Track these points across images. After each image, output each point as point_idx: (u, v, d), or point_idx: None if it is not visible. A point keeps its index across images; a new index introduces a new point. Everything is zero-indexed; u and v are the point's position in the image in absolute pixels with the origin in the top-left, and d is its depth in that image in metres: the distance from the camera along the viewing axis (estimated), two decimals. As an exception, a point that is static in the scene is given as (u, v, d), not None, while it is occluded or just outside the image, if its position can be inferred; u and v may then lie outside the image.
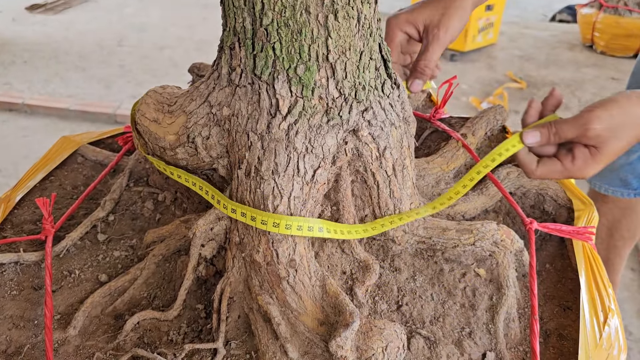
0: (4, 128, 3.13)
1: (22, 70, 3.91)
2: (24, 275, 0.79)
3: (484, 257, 0.79)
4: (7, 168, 2.74)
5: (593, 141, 0.75)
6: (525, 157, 0.79)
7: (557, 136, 0.77)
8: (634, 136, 0.76)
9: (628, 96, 0.76)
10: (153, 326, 0.72)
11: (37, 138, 3.03)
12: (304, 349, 0.64)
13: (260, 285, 0.67)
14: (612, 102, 0.75)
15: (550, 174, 0.79)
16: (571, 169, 0.77)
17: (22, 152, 2.88)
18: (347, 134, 0.69)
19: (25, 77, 3.79)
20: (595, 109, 0.75)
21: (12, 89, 3.57)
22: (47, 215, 0.84)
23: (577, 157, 0.77)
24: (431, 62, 0.89)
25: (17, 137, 3.04)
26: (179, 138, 0.72)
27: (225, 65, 0.68)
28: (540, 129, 0.78)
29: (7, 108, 3.32)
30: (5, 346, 0.70)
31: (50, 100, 3.34)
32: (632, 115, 0.75)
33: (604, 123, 0.74)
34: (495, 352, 0.73)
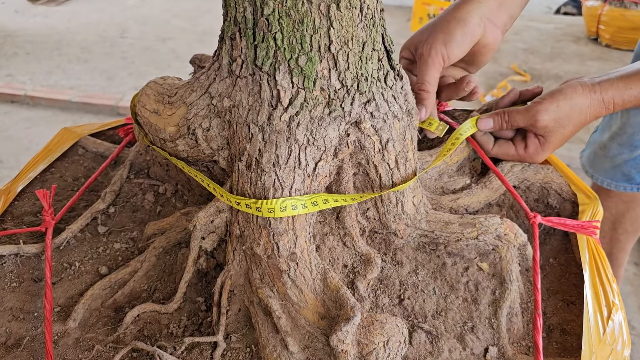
0: (6, 120, 3.13)
1: (25, 61, 3.90)
2: (24, 267, 0.79)
3: (487, 251, 0.79)
4: (9, 160, 2.74)
5: (541, 131, 0.84)
6: (482, 137, 0.88)
7: (509, 124, 0.85)
8: (578, 124, 0.84)
9: (574, 87, 0.83)
10: (153, 319, 0.71)
11: (39, 130, 3.02)
12: (305, 342, 0.63)
13: (261, 279, 0.67)
14: (559, 93, 0.82)
15: (504, 156, 0.89)
16: (523, 155, 0.87)
17: (24, 144, 2.88)
18: (349, 126, 0.68)
19: (28, 68, 3.78)
20: (544, 101, 0.82)
21: (14, 81, 3.57)
22: (47, 207, 0.83)
23: (529, 145, 0.86)
24: (424, 85, 0.84)
25: (19, 129, 3.03)
26: (180, 129, 0.71)
27: (225, 56, 0.67)
28: (493, 117, 0.86)
29: (10, 100, 3.32)
30: (5, 338, 0.70)
31: (52, 92, 3.33)
32: (577, 105, 0.82)
33: (551, 114, 0.82)
34: (497, 346, 0.72)
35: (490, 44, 0.87)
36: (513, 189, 0.87)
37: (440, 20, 0.85)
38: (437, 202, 0.85)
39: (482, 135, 0.89)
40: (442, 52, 0.83)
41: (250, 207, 0.65)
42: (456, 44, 0.83)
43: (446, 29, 0.83)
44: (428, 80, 0.84)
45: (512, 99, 0.91)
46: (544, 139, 0.85)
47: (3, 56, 3.95)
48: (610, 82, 0.83)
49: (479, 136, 0.89)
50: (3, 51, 4.04)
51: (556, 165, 0.95)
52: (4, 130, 3.01)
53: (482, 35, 0.85)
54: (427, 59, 0.84)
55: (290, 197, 0.65)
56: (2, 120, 3.11)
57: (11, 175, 2.61)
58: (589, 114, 0.84)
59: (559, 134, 0.84)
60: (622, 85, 0.82)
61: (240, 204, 0.66)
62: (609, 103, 0.83)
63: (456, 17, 0.84)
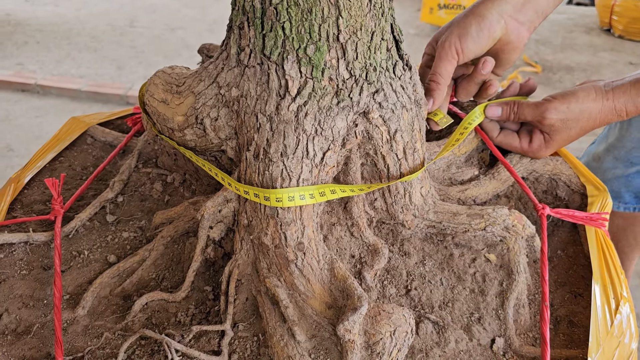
0: (16, 108, 3.15)
1: (35, 50, 3.92)
2: (34, 255, 0.80)
3: (494, 242, 0.78)
4: (19, 148, 2.76)
5: (547, 129, 0.85)
6: (488, 123, 0.89)
7: (517, 116, 0.86)
8: (585, 128, 0.84)
9: (587, 90, 0.83)
10: (161, 307, 0.72)
11: (48, 119, 3.04)
12: (312, 332, 0.63)
13: (268, 268, 0.67)
14: (572, 95, 0.83)
15: (507, 146, 0.89)
16: (526, 149, 0.88)
17: (34, 133, 2.89)
18: (357, 116, 0.68)
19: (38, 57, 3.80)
20: (555, 100, 0.83)
21: (24, 70, 3.58)
22: (56, 196, 0.84)
23: (534, 140, 0.87)
24: (435, 77, 0.84)
25: (30, 118, 3.05)
26: (188, 119, 0.71)
27: (234, 45, 0.67)
28: (502, 106, 0.87)
29: (20, 89, 3.33)
30: (15, 325, 0.71)
31: (62, 81, 3.35)
32: (587, 110, 0.82)
33: (559, 114, 0.83)
34: (504, 338, 0.72)
35: (514, 41, 0.85)
36: (521, 180, 0.87)
37: (460, 16, 0.85)
38: (445, 193, 0.85)
39: (489, 122, 0.89)
40: (457, 46, 0.82)
41: (258, 196, 0.65)
42: (471, 38, 0.82)
43: (462, 23, 0.83)
44: (439, 72, 0.84)
45: (512, 93, 0.91)
46: (548, 137, 0.86)
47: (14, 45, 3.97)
48: (623, 88, 0.83)
49: (486, 123, 0.89)
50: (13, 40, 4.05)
51: (565, 157, 0.94)
52: (14, 118, 3.03)
53: (504, 33, 0.84)
54: (440, 51, 0.83)
55: (298, 187, 0.65)
56: (13, 109, 3.13)
57: (22, 163, 2.63)
58: (598, 120, 0.84)
59: (564, 134, 0.85)
60: (634, 91, 0.82)
61: (249, 193, 0.66)
62: (620, 110, 0.83)
63: (474, 12, 0.83)
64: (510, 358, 0.72)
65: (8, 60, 3.70)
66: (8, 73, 3.42)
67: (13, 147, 2.77)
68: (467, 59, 0.85)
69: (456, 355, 0.70)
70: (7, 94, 3.29)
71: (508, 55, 0.88)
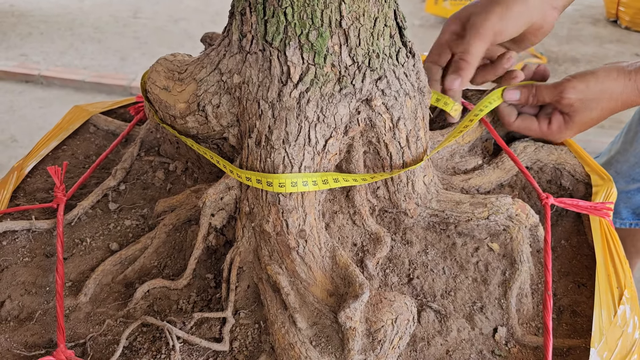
0: (20, 99, 3.15)
1: (39, 41, 3.92)
2: (36, 243, 0.80)
3: (497, 231, 0.78)
4: (23, 139, 2.76)
5: (566, 109, 0.82)
6: (505, 108, 0.86)
7: (535, 98, 0.83)
8: (607, 109, 0.81)
9: (608, 70, 0.80)
10: (163, 295, 0.72)
11: (52, 110, 3.04)
12: (313, 319, 0.63)
13: (270, 256, 0.67)
14: (592, 74, 0.80)
15: (526, 130, 0.87)
16: (545, 132, 0.85)
17: (38, 123, 2.90)
18: (359, 103, 0.68)
19: (42, 48, 3.80)
20: (574, 79, 0.81)
21: (28, 60, 3.58)
22: (58, 184, 0.84)
23: (553, 122, 0.84)
24: (467, 55, 0.80)
25: (33, 109, 3.05)
26: (190, 106, 0.71)
27: (235, 32, 0.66)
28: (521, 89, 0.84)
29: (24, 79, 3.34)
30: (17, 311, 0.71)
31: (65, 72, 3.35)
32: (608, 90, 0.79)
33: (578, 94, 0.80)
34: (506, 327, 0.72)
35: (545, 26, 0.83)
36: (525, 169, 0.86)
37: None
38: (448, 182, 0.85)
39: (506, 107, 0.86)
40: (496, 26, 0.79)
41: (261, 182, 0.65)
42: (513, 20, 0.79)
43: (504, 4, 0.79)
44: (473, 51, 0.80)
45: (527, 76, 0.88)
46: (568, 118, 0.83)
47: (17, 36, 3.97)
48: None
49: (503, 107, 0.86)
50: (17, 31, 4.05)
51: (570, 146, 0.93)
52: (18, 109, 3.03)
53: (539, 17, 0.82)
54: (479, 29, 0.79)
55: (300, 173, 0.65)
56: (17, 100, 3.14)
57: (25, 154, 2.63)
58: (621, 101, 0.81)
59: (584, 115, 0.82)
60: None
61: (251, 179, 0.66)
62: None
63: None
64: (512, 347, 0.71)
65: (12, 51, 3.71)
66: (12, 64, 3.42)
67: (17, 138, 2.78)
68: (502, 40, 0.82)
69: (458, 344, 0.70)
70: (11, 85, 3.29)
71: (534, 39, 0.86)
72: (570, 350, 0.70)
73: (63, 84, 3.26)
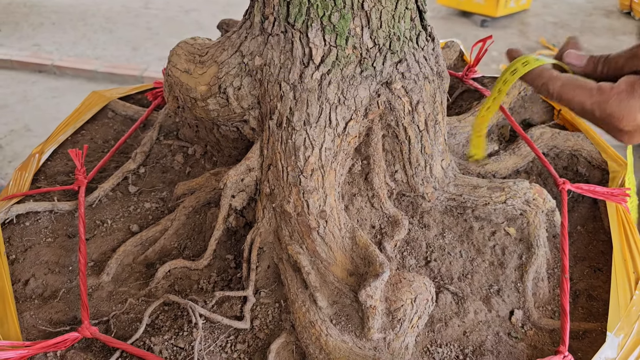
0: (33, 89, 3.17)
1: (51, 31, 3.93)
2: (59, 224, 0.81)
3: (514, 216, 0.78)
4: (37, 128, 2.78)
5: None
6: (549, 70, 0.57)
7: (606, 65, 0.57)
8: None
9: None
10: (184, 275, 0.73)
11: (66, 99, 3.06)
12: (333, 298, 0.64)
13: (290, 236, 0.67)
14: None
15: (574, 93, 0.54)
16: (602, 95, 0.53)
17: (52, 113, 2.91)
18: (380, 86, 0.68)
19: (54, 38, 3.81)
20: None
21: (41, 50, 3.60)
22: (79, 167, 0.85)
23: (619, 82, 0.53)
24: None
25: (47, 98, 3.07)
26: (210, 89, 0.72)
27: (257, 14, 0.67)
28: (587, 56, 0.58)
29: (37, 69, 3.35)
30: (41, 290, 0.72)
31: (78, 61, 3.36)
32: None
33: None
34: (523, 310, 0.73)
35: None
36: (542, 155, 0.86)
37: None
38: (464, 167, 0.85)
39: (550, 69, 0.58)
40: None
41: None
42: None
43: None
44: None
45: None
46: None
47: (30, 26, 3.98)
48: None
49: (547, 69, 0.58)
50: (30, 21, 4.07)
51: (587, 133, 0.93)
52: (32, 99, 3.05)
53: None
54: None
55: None
56: (30, 90, 3.15)
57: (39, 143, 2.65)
58: None
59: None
60: None
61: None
62: None
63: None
64: (528, 330, 0.72)
65: (25, 42, 3.72)
66: (25, 54, 3.44)
67: (31, 127, 2.79)
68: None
69: (475, 326, 0.70)
70: (24, 75, 3.31)
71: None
72: (587, 333, 0.71)
73: (76, 74, 3.27)
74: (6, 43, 3.73)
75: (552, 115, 1.00)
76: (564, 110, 0.99)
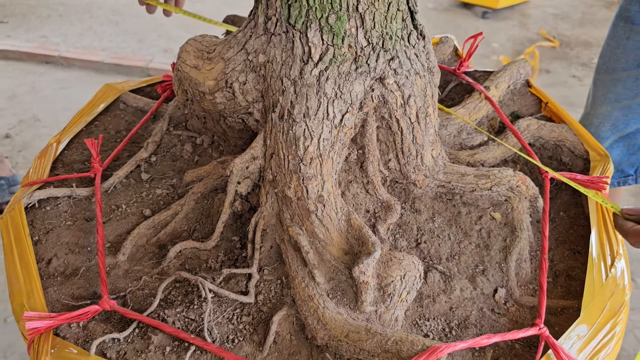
0: (41, 80, 3.23)
1: (58, 23, 3.99)
2: (77, 208, 0.87)
3: (499, 201, 0.84)
4: (47, 119, 2.84)
5: None
6: None
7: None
8: None
9: None
10: (193, 255, 0.79)
11: (74, 90, 3.12)
12: (330, 275, 0.70)
13: (291, 219, 0.74)
14: None
15: None
16: None
17: (60, 104, 2.98)
18: (373, 81, 0.74)
19: (61, 30, 3.87)
20: None
21: (48, 42, 3.66)
22: (95, 155, 0.91)
23: None
24: None
25: (55, 89, 3.13)
26: (218, 83, 0.78)
27: (261, 15, 0.73)
28: None
29: (44, 61, 3.41)
30: (63, 268, 0.79)
31: (85, 53, 3.42)
32: None
33: None
34: (506, 288, 0.79)
35: None
36: (528, 146, 0.92)
37: None
38: (455, 156, 0.91)
39: None
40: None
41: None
42: None
43: None
44: None
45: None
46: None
47: (37, 18, 4.04)
48: None
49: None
50: (37, 13, 4.13)
51: (571, 124, 0.99)
52: (40, 90, 3.11)
53: None
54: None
55: None
56: (38, 81, 3.21)
57: (50, 133, 2.71)
58: None
59: None
60: None
61: None
62: None
63: None
64: (510, 306, 0.78)
65: (32, 33, 3.78)
66: (32, 45, 3.50)
67: (40, 118, 2.86)
68: None
69: (461, 302, 0.77)
70: (32, 66, 3.37)
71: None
72: (564, 309, 0.77)
73: (83, 65, 3.33)
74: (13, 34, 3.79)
75: (539, 107, 1.06)
76: (551, 103, 1.05)
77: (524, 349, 0.71)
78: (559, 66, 3.28)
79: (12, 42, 3.57)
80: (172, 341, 0.67)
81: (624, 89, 1.22)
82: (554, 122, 1.01)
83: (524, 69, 1.05)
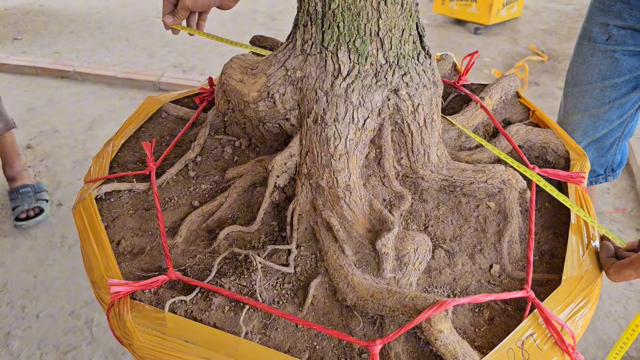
0: (57, 93, 3.39)
1: (70, 39, 4.16)
2: (136, 200, 1.03)
3: (494, 192, 1.01)
4: (65, 130, 3.00)
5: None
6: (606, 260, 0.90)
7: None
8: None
9: None
10: (239, 237, 0.95)
11: (88, 103, 3.28)
12: (356, 249, 0.86)
13: (324, 204, 0.90)
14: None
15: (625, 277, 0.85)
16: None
17: (77, 116, 3.14)
18: (390, 92, 0.91)
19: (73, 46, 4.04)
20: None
21: (61, 58, 3.83)
22: (149, 155, 1.07)
23: None
24: None
25: (70, 102, 3.29)
26: (261, 94, 0.94)
27: (299, 39, 0.89)
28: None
29: (59, 75, 3.58)
30: (130, 248, 0.94)
31: (98, 68, 3.59)
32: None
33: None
34: (499, 264, 0.95)
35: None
36: (518, 147, 1.09)
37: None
38: (455, 156, 1.07)
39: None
40: None
41: None
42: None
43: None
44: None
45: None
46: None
47: (50, 34, 4.22)
48: None
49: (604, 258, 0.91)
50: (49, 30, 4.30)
51: (555, 129, 1.16)
52: (57, 103, 3.27)
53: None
54: None
55: None
56: (55, 94, 3.38)
57: (67, 143, 2.87)
58: None
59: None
60: None
61: None
62: None
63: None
64: (504, 279, 0.94)
65: (46, 49, 3.95)
66: (48, 61, 3.67)
67: (58, 129, 3.01)
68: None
69: (462, 274, 0.92)
70: (48, 81, 3.53)
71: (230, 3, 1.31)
72: (548, 281, 0.93)
73: (96, 79, 3.51)
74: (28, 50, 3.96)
75: (527, 115, 1.23)
76: (538, 111, 1.21)
77: (514, 311, 0.87)
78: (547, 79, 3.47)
79: (27, 57, 3.74)
80: (229, 302, 0.83)
81: (592, 99, 1.39)
82: (540, 127, 1.17)
83: (514, 82, 1.22)
